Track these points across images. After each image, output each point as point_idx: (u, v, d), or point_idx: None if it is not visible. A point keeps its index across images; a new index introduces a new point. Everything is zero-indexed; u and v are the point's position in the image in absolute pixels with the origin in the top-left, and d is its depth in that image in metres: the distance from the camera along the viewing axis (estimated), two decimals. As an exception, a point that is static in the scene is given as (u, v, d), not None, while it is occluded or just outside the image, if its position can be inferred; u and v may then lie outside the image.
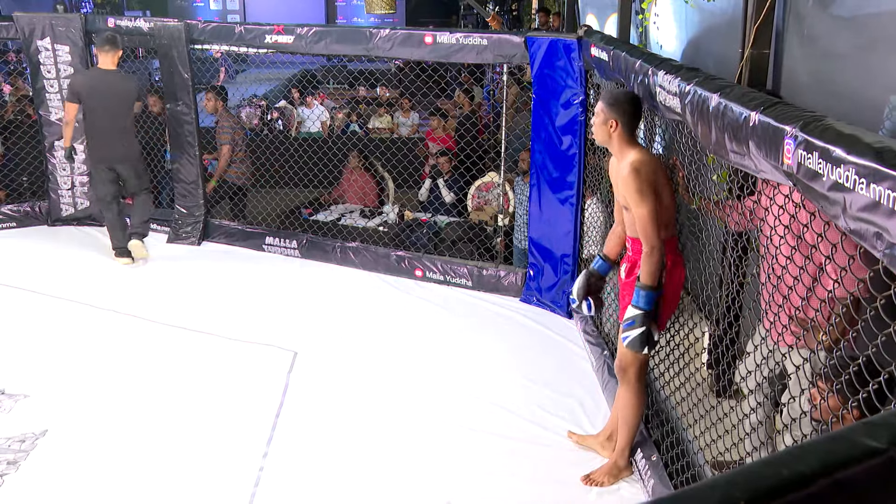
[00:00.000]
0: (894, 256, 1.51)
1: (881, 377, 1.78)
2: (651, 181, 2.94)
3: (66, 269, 5.63)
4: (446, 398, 3.94)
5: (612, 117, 3.04)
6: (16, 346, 4.44)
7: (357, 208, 6.79)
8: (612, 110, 3.04)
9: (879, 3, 3.09)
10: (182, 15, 15.33)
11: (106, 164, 5.51)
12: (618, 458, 3.27)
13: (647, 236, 2.91)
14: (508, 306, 5.12)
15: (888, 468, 0.65)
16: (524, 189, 5.39)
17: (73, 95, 5.42)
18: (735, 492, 0.62)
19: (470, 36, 5.01)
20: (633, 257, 3.15)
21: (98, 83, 5.44)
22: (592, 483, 3.24)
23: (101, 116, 5.41)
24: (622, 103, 3.08)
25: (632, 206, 2.96)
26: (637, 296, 2.95)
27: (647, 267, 2.93)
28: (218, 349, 4.45)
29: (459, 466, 3.38)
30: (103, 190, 5.60)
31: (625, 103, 3.08)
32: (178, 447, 3.48)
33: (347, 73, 12.70)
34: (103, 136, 5.45)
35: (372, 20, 17.65)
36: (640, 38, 6.15)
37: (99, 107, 5.40)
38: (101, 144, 5.48)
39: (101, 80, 5.45)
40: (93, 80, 5.50)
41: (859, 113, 3.02)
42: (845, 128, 1.74)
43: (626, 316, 3.00)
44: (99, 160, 5.53)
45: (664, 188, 3.02)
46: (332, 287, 5.45)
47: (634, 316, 2.96)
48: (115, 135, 5.45)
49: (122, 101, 5.49)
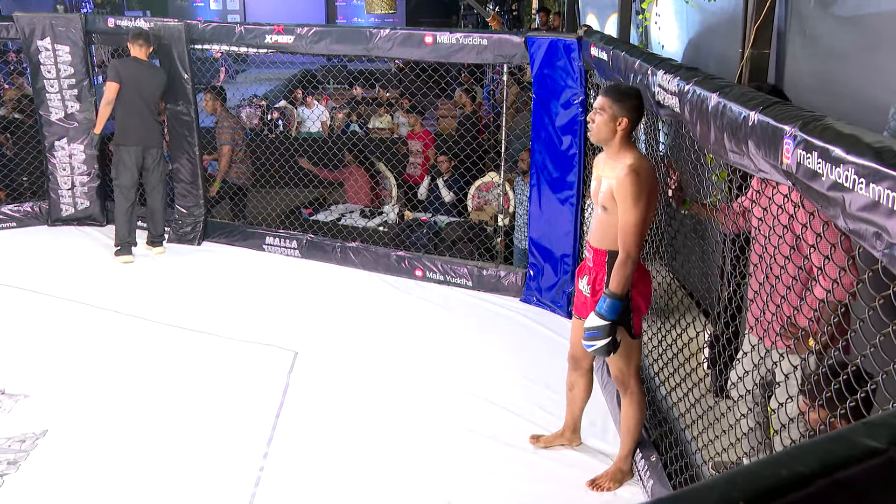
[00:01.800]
0: (894, 256, 1.51)
1: (868, 386, 1.78)
2: (647, 188, 2.86)
3: (66, 269, 5.63)
4: (446, 398, 3.94)
5: (623, 114, 2.90)
6: (16, 346, 4.44)
7: (357, 208, 6.79)
8: (622, 107, 2.90)
9: (880, 2, 3.09)
10: (182, 15, 15.32)
11: (139, 146, 5.67)
12: (622, 464, 3.27)
13: (628, 244, 2.82)
14: (508, 306, 5.12)
15: (888, 468, 0.65)
16: (524, 189, 5.39)
17: (115, 75, 5.61)
18: (734, 492, 0.61)
19: (470, 36, 5.01)
20: (594, 269, 3.04)
21: (134, 69, 5.69)
22: (599, 488, 3.23)
23: (136, 100, 5.63)
24: (633, 99, 2.94)
25: (620, 210, 2.84)
26: (602, 303, 2.88)
27: (619, 275, 2.84)
28: (218, 349, 4.45)
29: (459, 467, 3.38)
30: (127, 177, 5.69)
31: (635, 99, 2.95)
32: (179, 447, 3.48)
33: (347, 73, 12.69)
34: (138, 119, 5.65)
35: (372, 20, 17.66)
36: (641, 38, 6.15)
37: (135, 91, 5.62)
38: (136, 127, 5.66)
39: (136, 67, 5.71)
40: (130, 66, 5.71)
41: (863, 114, 3.02)
42: (845, 127, 1.74)
43: (590, 325, 2.91)
44: (133, 142, 5.67)
45: (654, 198, 2.95)
46: (332, 287, 5.45)
47: (600, 326, 2.88)
48: (149, 119, 5.71)
49: (155, 88, 5.75)
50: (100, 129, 5.84)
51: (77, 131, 6.29)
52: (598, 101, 2.97)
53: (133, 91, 5.61)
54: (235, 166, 6.53)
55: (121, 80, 5.58)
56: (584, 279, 3.14)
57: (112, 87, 5.58)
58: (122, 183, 5.71)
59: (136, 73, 5.67)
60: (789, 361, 2.53)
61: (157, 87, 5.75)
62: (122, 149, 5.68)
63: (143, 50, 5.71)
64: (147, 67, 5.78)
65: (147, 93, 5.67)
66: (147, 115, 5.69)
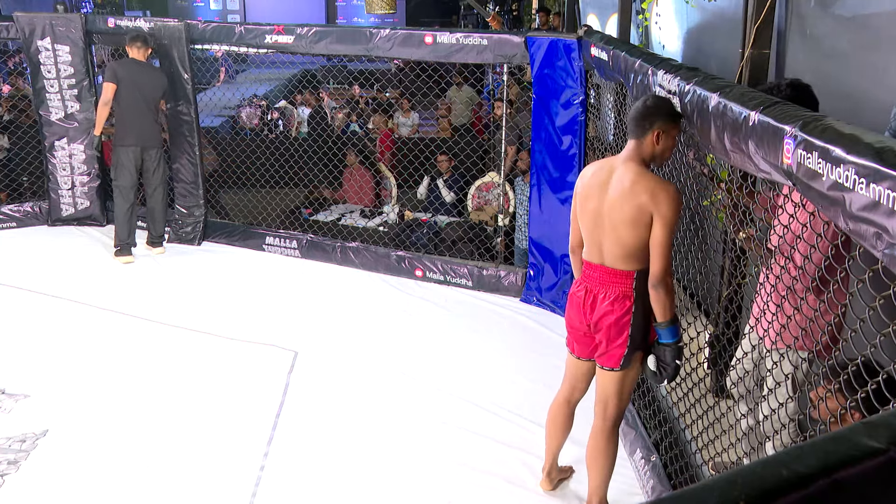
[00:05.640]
0: (894, 256, 1.51)
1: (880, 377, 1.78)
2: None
3: (66, 269, 5.63)
4: (446, 398, 3.94)
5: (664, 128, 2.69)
6: (16, 346, 4.44)
7: (357, 208, 6.79)
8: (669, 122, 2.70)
9: (880, 2, 3.09)
10: (182, 15, 15.30)
11: (138, 146, 5.65)
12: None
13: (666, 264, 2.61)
14: (509, 306, 5.12)
15: (888, 468, 0.65)
16: (524, 189, 5.39)
17: (112, 75, 5.59)
18: (734, 492, 0.61)
19: (470, 36, 5.02)
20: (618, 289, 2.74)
21: (133, 69, 5.68)
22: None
23: (135, 101, 5.61)
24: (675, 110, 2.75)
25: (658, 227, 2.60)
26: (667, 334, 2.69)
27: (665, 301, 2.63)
28: (218, 349, 4.45)
29: (459, 467, 3.37)
30: (126, 178, 5.69)
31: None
32: (179, 447, 3.48)
33: (347, 73, 12.68)
34: (137, 119, 5.64)
35: (372, 20, 17.63)
36: (641, 38, 6.15)
37: (134, 91, 5.60)
38: (135, 127, 5.65)
39: (135, 68, 5.70)
40: (128, 67, 5.70)
41: (864, 113, 3.01)
42: (845, 127, 1.74)
43: (650, 365, 2.78)
44: (131, 143, 5.66)
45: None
46: (332, 287, 5.45)
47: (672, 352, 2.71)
48: (148, 119, 5.69)
49: (154, 88, 5.72)
50: (99, 130, 5.81)
51: (77, 131, 6.29)
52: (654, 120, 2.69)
53: (131, 92, 5.59)
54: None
55: (117, 80, 5.57)
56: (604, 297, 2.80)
57: (109, 88, 5.57)
58: (121, 184, 5.70)
59: (134, 73, 5.65)
60: (789, 361, 2.52)
61: (156, 88, 5.73)
62: (120, 149, 5.67)
63: (141, 52, 5.69)
64: (146, 68, 5.77)
65: (146, 93, 5.65)
66: (145, 116, 5.67)
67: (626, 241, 2.66)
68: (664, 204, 2.57)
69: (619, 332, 2.74)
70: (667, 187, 2.61)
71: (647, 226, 2.61)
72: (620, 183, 2.66)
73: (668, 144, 2.69)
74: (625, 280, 2.71)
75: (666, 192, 2.59)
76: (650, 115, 2.66)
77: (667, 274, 2.60)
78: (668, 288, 2.61)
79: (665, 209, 2.57)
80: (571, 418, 3.12)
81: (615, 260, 2.71)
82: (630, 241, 2.65)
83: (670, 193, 2.59)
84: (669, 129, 2.68)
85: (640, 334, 2.74)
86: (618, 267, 2.71)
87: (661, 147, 2.68)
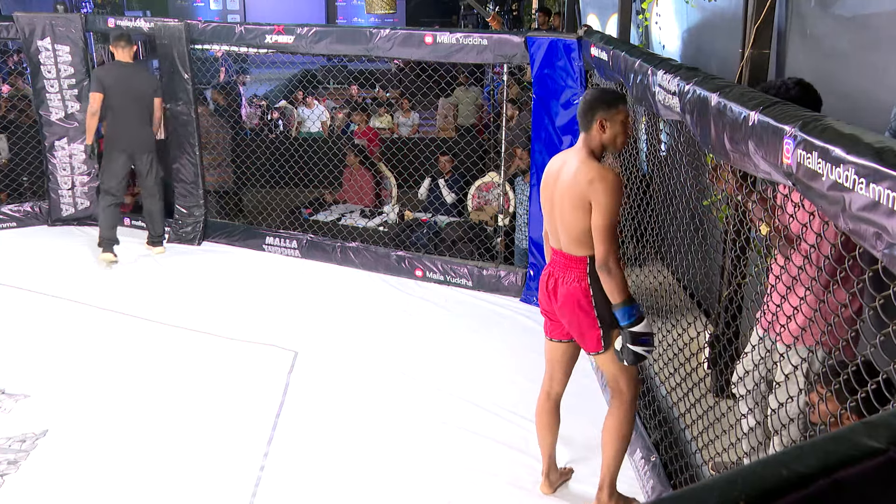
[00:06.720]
0: (894, 256, 1.51)
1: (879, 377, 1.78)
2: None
3: (66, 269, 5.63)
4: (446, 398, 3.94)
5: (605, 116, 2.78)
6: (16, 346, 4.44)
7: (357, 208, 6.79)
8: (610, 110, 2.78)
9: (880, 2, 3.09)
10: (182, 15, 15.30)
11: (126, 153, 5.60)
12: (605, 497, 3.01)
13: (608, 247, 2.69)
14: (509, 306, 5.12)
15: (888, 468, 0.65)
16: (524, 189, 5.39)
17: (98, 85, 5.52)
18: (734, 492, 0.61)
19: (470, 36, 5.02)
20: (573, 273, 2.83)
21: (120, 74, 5.61)
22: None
23: (123, 105, 5.55)
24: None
25: (596, 212, 2.69)
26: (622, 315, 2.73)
27: (612, 283, 2.71)
28: (218, 349, 4.45)
29: (459, 467, 3.38)
30: (113, 181, 5.66)
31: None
32: (179, 447, 3.48)
33: (347, 73, 12.68)
34: (125, 125, 5.58)
35: (372, 20, 17.65)
36: (641, 38, 6.15)
37: (122, 96, 5.54)
38: (124, 132, 5.59)
39: (121, 72, 5.63)
40: (115, 71, 5.65)
41: (864, 113, 3.01)
42: (845, 127, 1.74)
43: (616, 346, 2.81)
44: (121, 149, 5.61)
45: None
46: (332, 287, 5.45)
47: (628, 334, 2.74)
48: (137, 123, 5.62)
49: (142, 91, 5.65)
50: (90, 139, 5.69)
51: (77, 131, 6.29)
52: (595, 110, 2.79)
53: (119, 97, 5.51)
54: (220, 170, 6.52)
55: (104, 88, 5.48)
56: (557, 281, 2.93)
57: (96, 98, 5.49)
58: (106, 187, 5.68)
59: (121, 78, 5.57)
60: (797, 353, 2.51)
61: (145, 89, 5.65)
62: (108, 154, 5.64)
63: (126, 52, 5.61)
64: (132, 70, 5.68)
65: (136, 96, 5.57)
66: (134, 121, 5.58)
67: (573, 227, 2.78)
68: (600, 191, 2.68)
69: (586, 315, 2.84)
70: (605, 175, 2.71)
71: (589, 212, 2.72)
72: (567, 172, 2.80)
73: (615, 130, 2.78)
74: (579, 265, 2.83)
75: (603, 180, 2.69)
76: (590, 108, 2.78)
77: (610, 256, 2.69)
78: (612, 271, 2.70)
79: (601, 196, 2.68)
80: (556, 414, 3.16)
81: (569, 245, 2.83)
82: (577, 227, 2.77)
83: (608, 180, 2.69)
84: (612, 116, 2.77)
85: (609, 313, 2.80)
86: (573, 252, 2.83)
87: (609, 134, 2.77)
